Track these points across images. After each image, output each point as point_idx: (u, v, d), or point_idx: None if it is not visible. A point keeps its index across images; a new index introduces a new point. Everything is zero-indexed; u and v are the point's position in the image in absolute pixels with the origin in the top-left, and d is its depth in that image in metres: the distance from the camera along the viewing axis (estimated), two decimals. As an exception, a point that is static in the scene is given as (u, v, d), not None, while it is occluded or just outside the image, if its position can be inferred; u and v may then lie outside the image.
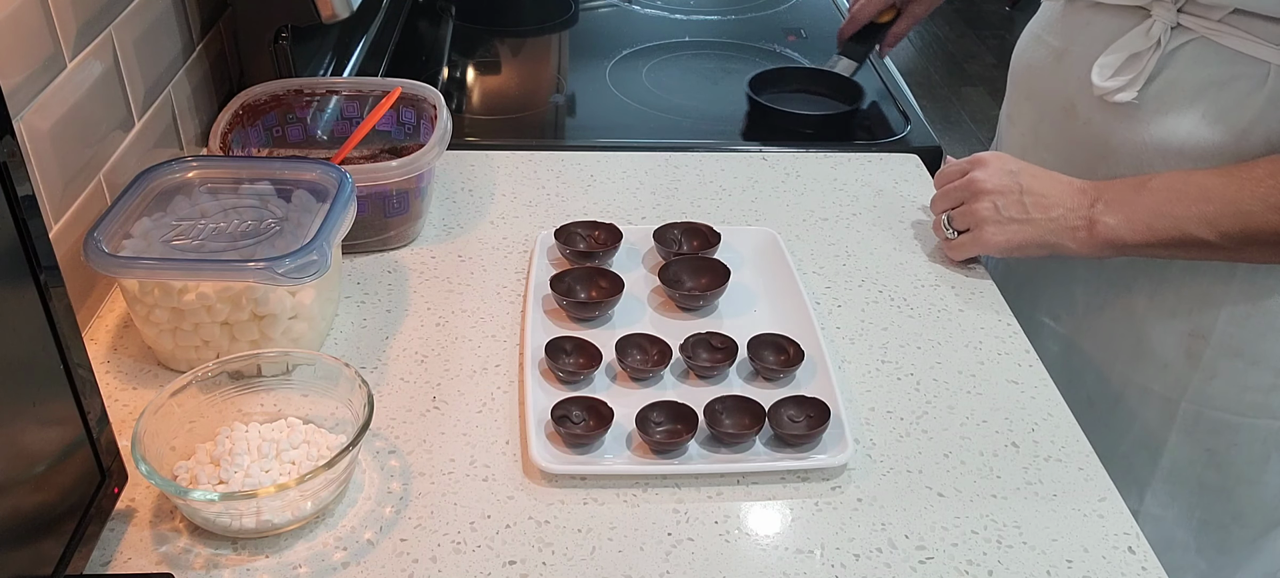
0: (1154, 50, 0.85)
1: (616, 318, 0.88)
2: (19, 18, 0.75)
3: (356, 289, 0.91)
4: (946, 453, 0.76)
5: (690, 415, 0.75)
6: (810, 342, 0.83)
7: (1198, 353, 0.92)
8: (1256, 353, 0.90)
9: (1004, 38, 4.26)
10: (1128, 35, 0.87)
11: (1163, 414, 0.95)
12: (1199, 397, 0.93)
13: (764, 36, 1.48)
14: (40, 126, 0.78)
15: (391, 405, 0.78)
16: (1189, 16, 0.84)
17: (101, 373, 0.80)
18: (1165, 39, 0.85)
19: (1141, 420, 0.97)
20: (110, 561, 0.66)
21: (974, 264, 0.96)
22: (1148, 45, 0.85)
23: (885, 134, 1.18)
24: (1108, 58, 0.88)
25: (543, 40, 1.51)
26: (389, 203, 0.94)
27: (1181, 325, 0.92)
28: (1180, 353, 0.93)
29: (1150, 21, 0.86)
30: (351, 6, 1.02)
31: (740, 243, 0.96)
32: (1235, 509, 0.98)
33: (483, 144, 1.16)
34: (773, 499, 0.72)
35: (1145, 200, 0.83)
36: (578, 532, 0.69)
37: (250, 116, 0.99)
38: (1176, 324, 0.92)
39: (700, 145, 1.15)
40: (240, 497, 0.64)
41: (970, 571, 0.67)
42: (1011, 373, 0.84)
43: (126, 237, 0.79)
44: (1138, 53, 0.86)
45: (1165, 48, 0.85)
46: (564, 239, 0.94)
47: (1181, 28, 0.84)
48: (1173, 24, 0.84)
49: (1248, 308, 0.89)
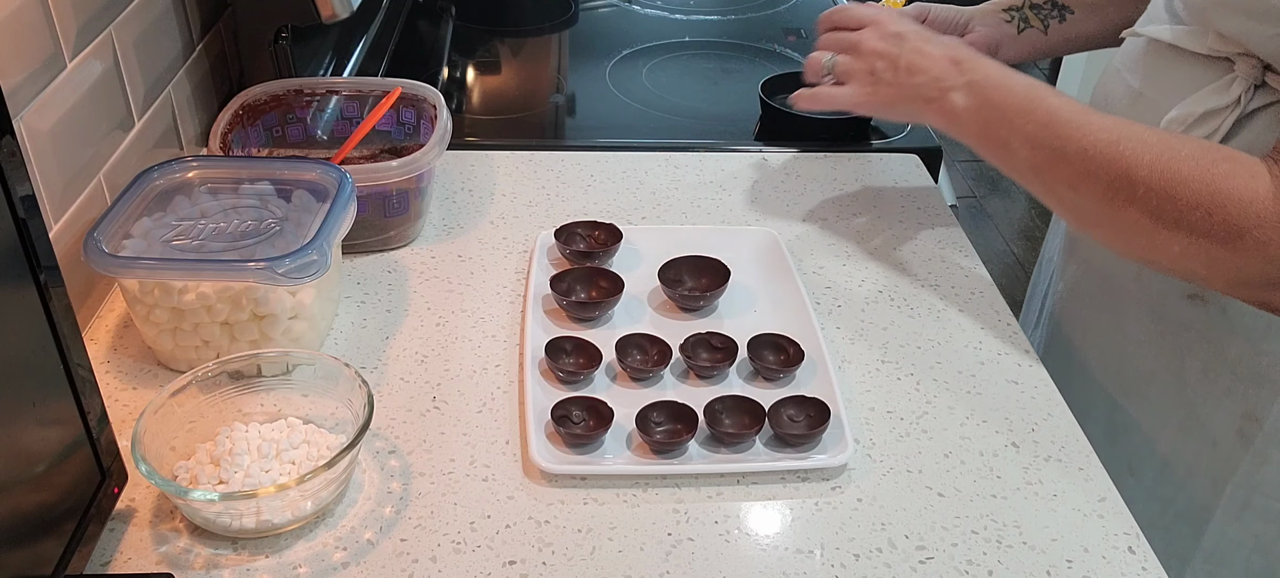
0: (1233, 109, 0.76)
1: (616, 318, 0.88)
2: (19, 18, 0.75)
3: (356, 289, 0.91)
4: (946, 453, 0.76)
5: (690, 415, 0.75)
6: (810, 342, 0.83)
7: (1250, 435, 0.85)
8: None
9: (1004, 38, 4.25)
10: (1205, 90, 0.78)
11: (1209, 493, 0.89)
12: (1248, 481, 0.87)
13: (764, 36, 1.48)
14: (40, 127, 0.78)
15: (391, 405, 0.78)
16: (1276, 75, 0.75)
17: (101, 373, 0.80)
18: (1246, 98, 0.76)
19: (1186, 496, 0.91)
20: (110, 561, 0.66)
21: (977, 266, 0.96)
22: (1227, 103, 0.77)
23: (885, 134, 1.18)
24: (1182, 111, 0.79)
25: (543, 40, 1.51)
26: (389, 203, 0.94)
27: (1236, 405, 0.85)
28: (1232, 433, 0.86)
29: (1232, 76, 0.77)
30: (351, 6, 1.02)
31: (740, 243, 0.96)
32: None
33: (483, 144, 1.16)
34: (773, 499, 0.72)
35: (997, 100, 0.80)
36: (578, 532, 0.69)
37: (250, 116, 0.99)
38: (1230, 403, 0.85)
39: (700, 145, 1.15)
40: (240, 497, 0.64)
41: (970, 571, 0.67)
42: (1011, 373, 0.84)
43: (126, 237, 0.79)
44: (1214, 109, 0.77)
45: (1244, 107, 0.76)
46: (564, 239, 0.94)
47: (1267, 87, 0.75)
48: (1257, 82, 0.76)
49: None
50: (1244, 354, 0.83)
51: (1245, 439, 0.85)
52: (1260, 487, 0.86)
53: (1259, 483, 0.86)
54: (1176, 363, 0.88)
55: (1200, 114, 0.78)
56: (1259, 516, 0.88)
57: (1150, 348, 0.90)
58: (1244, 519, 0.89)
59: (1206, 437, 0.88)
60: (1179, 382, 0.88)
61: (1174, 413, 0.90)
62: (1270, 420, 0.84)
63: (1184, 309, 0.86)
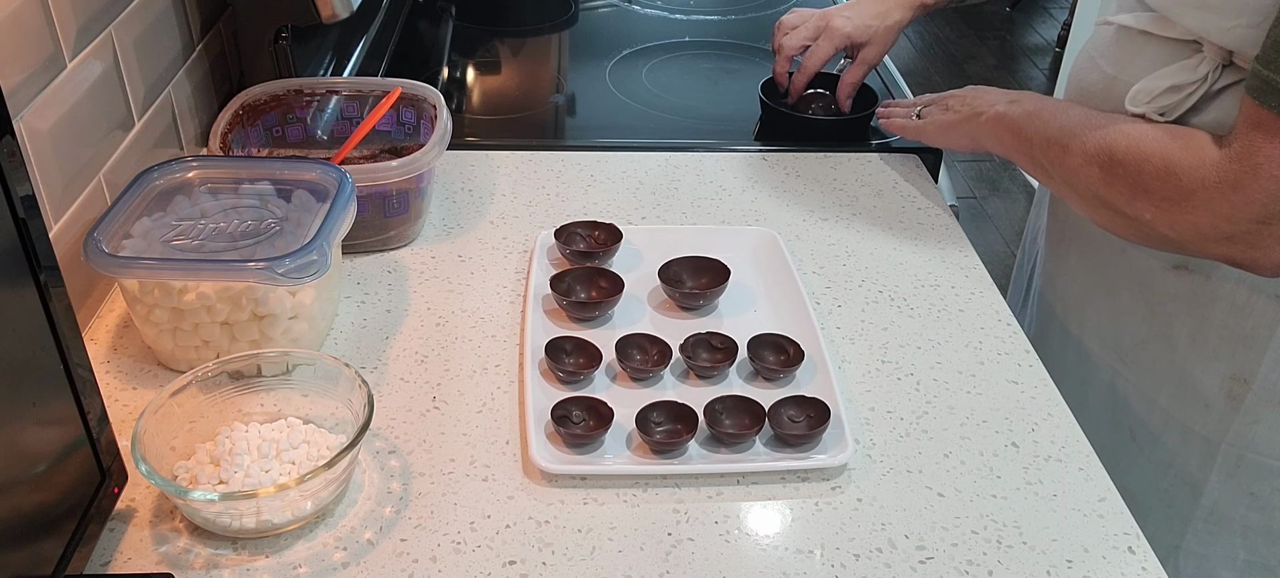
0: (1199, 85, 0.82)
1: (616, 318, 0.88)
2: (19, 18, 0.75)
3: (356, 289, 0.91)
4: (946, 453, 0.76)
5: (690, 415, 0.75)
6: (810, 342, 0.83)
7: (1239, 396, 0.89)
8: None
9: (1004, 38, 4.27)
10: (1174, 66, 0.84)
11: (1203, 454, 0.93)
12: (1240, 440, 0.91)
13: (764, 36, 1.48)
14: (40, 126, 0.78)
15: (391, 405, 0.78)
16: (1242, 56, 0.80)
17: (101, 373, 0.80)
18: (1213, 76, 0.82)
19: (1183, 458, 0.94)
20: (110, 561, 0.66)
21: (974, 259, 0.96)
22: (1193, 79, 0.82)
23: (885, 134, 1.18)
24: (1147, 84, 0.85)
25: (543, 40, 1.51)
26: (389, 203, 0.94)
27: (1223, 367, 0.89)
28: (1221, 395, 0.90)
29: (1200, 56, 0.82)
30: (351, 6, 1.02)
31: (740, 243, 0.96)
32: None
33: (483, 144, 1.16)
34: (773, 499, 0.72)
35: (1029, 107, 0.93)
36: (578, 532, 0.69)
37: (250, 116, 0.99)
38: (1218, 366, 0.90)
39: (700, 145, 1.15)
40: (240, 497, 0.64)
41: (970, 571, 0.67)
42: (1011, 373, 0.84)
43: (126, 237, 0.79)
44: (1179, 84, 0.83)
45: (1212, 84, 0.82)
46: (564, 239, 0.94)
47: (1233, 67, 0.81)
48: (1224, 62, 0.81)
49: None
50: (1229, 319, 0.88)
51: (1234, 401, 0.90)
52: (1253, 445, 0.90)
53: (1251, 442, 0.90)
54: (1166, 331, 0.92)
55: (1165, 88, 0.84)
56: (1253, 473, 0.91)
57: (1139, 317, 0.94)
58: (1239, 477, 0.92)
59: (1198, 400, 0.92)
60: (1170, 349, 0.92)
61: (1167, 379, 0.94)
62: (1258, 381, 0.88)
63: (1170, 280, 0.90)
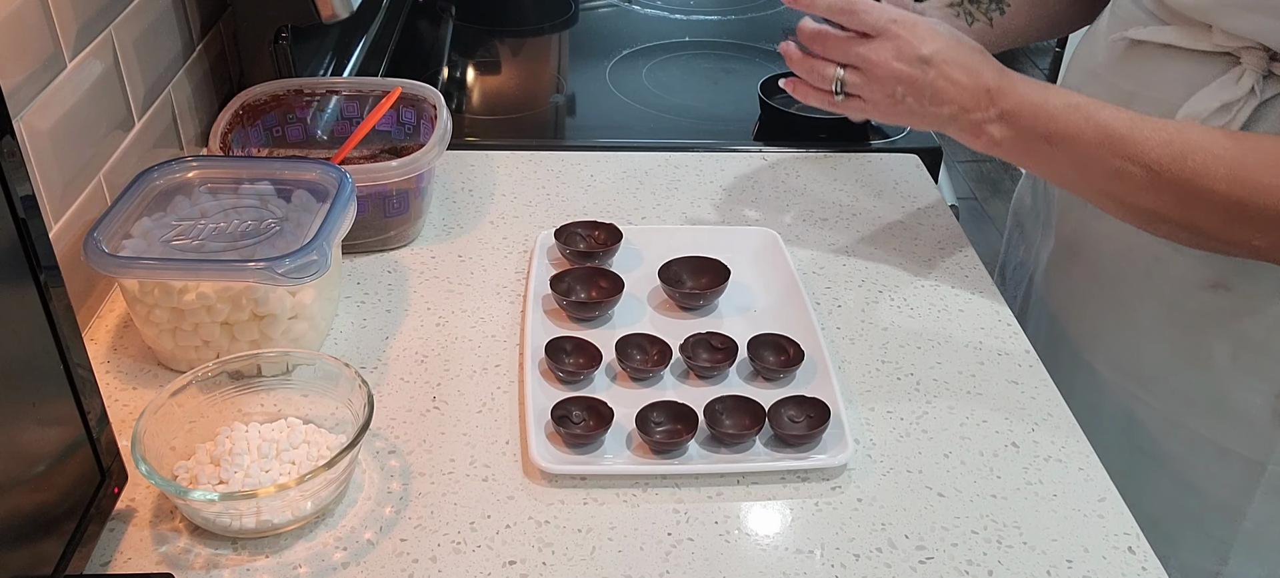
0: (1248, 99, 0.78)
1: (616, 318, 0.88)
2: (19, 18, 0.75)
3: (356, 289, 0.91)
4: (946, 453, 0.76)
5: (690, 415, 0.75)
6: (810, 342, 0.83)
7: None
8: None
9: (1004, 38, 4.25)
10: (1218, 83, 0.79)
11: (1245, 476, 0.89)
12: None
13: (764, 36, 1.48)
14: (40, 126, 0.78)
15: (391, 405, 0.78)
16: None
17: (101, 373, 0.80)
18: (1259, 88, 0.78)
19: (1219, 481, 0.91)
20: (110, 561, 0.66)
21: (979, 268, 0.96)
22: (1240, 95, 0.78)
23: (885, 134, 1.18)
24: (1196, 106, 0.80)
25: (543, 40, 1.51)
26: (389, 203, 0.94)
27: (1268, 386, 0.85)
28: (1267, 413, 0.86)
29: (1240, 69, 0.78)
30: (351, 6, 1.02)
31: (740, 243, 0.96)
32: None
33: (483, 144, 1.16)
34: (773, 499, 0.72)
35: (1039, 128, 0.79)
36: (578, 532, 0.69)
37: (250, 116, 0.99)
38: (1263, 385, 0.85)
39: (700, 145, 1.15)
40: (240, 497, 0.64)
41: (970, 571, 0.67)
42: (1011, 373, 0.84)
43: (126, 237, 0.79)
44: (1228, 102, 0.78)
45: (1261, 96, 0.78)
46: (564, 239, 0.94)
47: (1274, 77, 0.78)
48: (1265, 72, 0.78)
49: None
50: (1271, 336, 0.84)
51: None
52: None
53: None
54: (1201, 351, 0.88)
55: (1215, 108, 0.79)
56: None
57: (1164, 340, 0.90)
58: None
59: (1240, 420, 0.88)
60: (1204, 370, 0.88)
61: (1199, 400, 0.89)
62: None
63: (1206, 299, 0.86)
